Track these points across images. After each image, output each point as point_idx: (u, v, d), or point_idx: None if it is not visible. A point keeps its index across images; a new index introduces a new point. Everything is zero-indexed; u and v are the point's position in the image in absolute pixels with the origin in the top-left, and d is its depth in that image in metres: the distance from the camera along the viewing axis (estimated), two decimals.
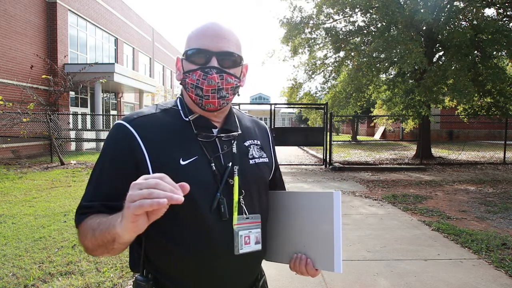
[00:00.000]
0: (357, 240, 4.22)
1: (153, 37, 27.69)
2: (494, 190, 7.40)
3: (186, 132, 0.94)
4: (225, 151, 0.97)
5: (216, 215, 0.91)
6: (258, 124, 1.15)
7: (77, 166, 10.41)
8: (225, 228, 0.91)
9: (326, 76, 14.10)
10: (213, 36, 0.91)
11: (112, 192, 0.88)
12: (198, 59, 0.91)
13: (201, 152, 0.93)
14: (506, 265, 3.42)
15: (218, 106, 0.93)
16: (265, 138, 1.13)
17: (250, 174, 0.99)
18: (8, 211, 5.28)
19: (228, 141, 0.99)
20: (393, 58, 11.01)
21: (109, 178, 0.90)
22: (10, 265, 3.32)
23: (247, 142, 1.04)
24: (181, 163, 0.89)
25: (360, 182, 8.50)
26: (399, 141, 24.71)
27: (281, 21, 12.50)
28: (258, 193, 1.01)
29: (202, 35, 0.92)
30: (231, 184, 0.94)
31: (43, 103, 11.58)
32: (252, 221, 0.96)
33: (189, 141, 0.93)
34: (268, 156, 1.09)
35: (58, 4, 15.16)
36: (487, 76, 10.68)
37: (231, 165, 0.95)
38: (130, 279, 3.10)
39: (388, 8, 10.52)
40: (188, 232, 0.90)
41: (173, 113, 0.97)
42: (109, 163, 0.91)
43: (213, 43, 0.91)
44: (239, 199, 0.94)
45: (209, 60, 0.91)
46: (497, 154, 13.81)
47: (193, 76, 0.91)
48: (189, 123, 0.95)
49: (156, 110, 0.97)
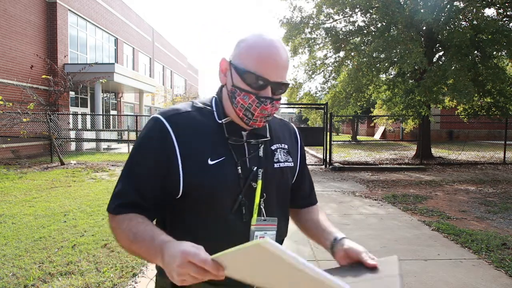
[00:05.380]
0: (357, 240, 4.19)
1: (153, 37, 27.69)
2: (494, 190, 7.40)
3: (217, 133, 0.98)
4: (252, 154, 1.00)
5: (236, 216, 0.95)
6: (287, 127, 1.18)
7: (77, 166, 10.41)
8: (244, 229, 0.96)
9: (326, 76, 14.10)
10: (273, 67, 0.92)
11: (144, 182, 0.94)
12: (253, 82, 0.93)
13: (229, 154, 0.97)
14: (506, 265, 3.42)
15: (262, 126, 0.99)
16: (293, 141, 1.15)
17: (273, 178, 1.02)
18: (8, 211, 5.28)
19: (256, 145, 1.02)
20: (393, 58, 11.01)
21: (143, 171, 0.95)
22: (10, 265, 3.32)
23: (274, 146, 1.06)
24: (209, 162, 0.94)
25: (360, 182, 8.50)
26: (399, 141, 24.71)
27: (281, 21, 12.50)
28: (278, 197, 1.04)
29: (262, 61, 0.92)
30: (254, 187, 0.97)
31: (43, 103, 11.58)
32: (268, 223, 0.99)
33: (219, 143, 0.97)
34: (294, 160, 1.11)
35: (58, 4, 15.16)
36: (487, 76, 10.69)
37: (256, 168, 0.99)
38: (130, 279, 3.10)
39: (388, 8, 10.52)
40: (209, 230, 0.94)
41: (207, 113, 1.01)
42: (143, 154, 0.95)
43: (272, 73, 0.92)
44: (259, 201, 0.98)
45: (265, 88, 0.93)
46: (497, 154, 13.81)
47: (245, 98, 0.94)
48: (221, 125, 0.99)
49: (191, 108, 1.01)
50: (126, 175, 0.96)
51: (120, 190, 0.94)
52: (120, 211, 0.92)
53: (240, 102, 0.94)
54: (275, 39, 0.95)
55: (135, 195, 0.93)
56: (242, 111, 0.95)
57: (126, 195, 0.93)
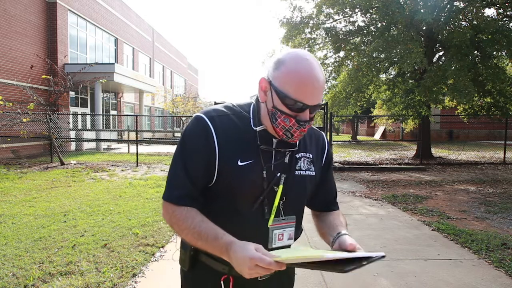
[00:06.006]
0: (357, 240, 4.17)
1: (153, 37, 27.69)
2: (494, 190, 7.40)
3: (251, 139, 1.08)
4: (278, 161, 1.10)
5: (256, 215, 1.07)
6: (315, 135, 1.25)
7: (77, 166, 10.41)
8: (263, 227, 1.07)
9: (326, 76, 14.10)
10: (312, 92, 0.99)
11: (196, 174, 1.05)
12: (293, 106, 1.00)
13: (258, 159, 1.07)
14: (506, 265, 3.42)
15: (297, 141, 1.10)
16: (319, 150, 1.23)
17: (294, 184, 1.12)
18: (8, 211, 5.28)
19: (283, 152, 1.12)
20: (393, 58, 11.00)
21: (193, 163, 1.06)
22: (10, 265, 3.32)
23: (299, 154, 1.15)
24: (239, 163, 1.05)
25: (360, 182, 8.50)
26: (399, 141, 24.72)
27: (281, 21, 12.49)
28: (295, 201, 1.14)
29: (303, 89, 0.98)
30: (275, 190, 1.08)
31: (43, 103, 11.57)
32: (287, 221, 1.11)
33: (250, 147, 1.07)
34: (316, 169, 1.19)
35: (58, 4, 15.16)
36: (487, 76, 10.68)
37: (279, 174, 1.09)
38: (130, 279, 3.10)
39: (388, 8, 10.52)
40: (230, 225, 1.03)
41: (244, 119, 1.11)
42: (192, 149, 1.07)
43: (312, 98, 1.00)
44: (279, 203, 1.09)
45: (303, 110, 1.01)
46: (497, 154, 13.80)
47: (286, 121, 1.02)
48: (255, 132, 1.09)
49: (230, 111, 1.11)
50: (180, 167, 1.06)
51: (177, 182, 1.06)
52: (181, 202, 1.04)
53: (281, 124, 1.03)
54: (314, 63, 1.00)
55: (190, 185, 1.05)
56: (282, 131, 1.05)
57: (183, 186, 1.05)
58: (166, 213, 1.07)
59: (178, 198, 1.05)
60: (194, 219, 1.02)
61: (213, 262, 1.12)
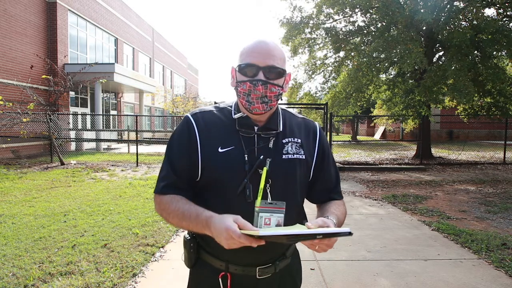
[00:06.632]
0: (357, 240, 4.22)
1: (153, 37, 27.69)
2: (494, 190, 7.40)
3: (231, 127, 1.15)
4: (261, 145, 1.14)
5: (241, 198, 1.09)
6: (306, 124, 1.28)
7: (77, 166, 10.41)
8: (248, 210, 1.08)
9: (326, 76, 14.10)
10: (261, 53, 1.10)
11: (179, 166, 1.14)
12: (248, 71, 1.11)
13: (239, 144, 1.12)
14: (506, 265, 3.42)
15: (263, 111, 1.12)
16: (310, 137, 1.25)
17: (280, 167, 1.13)
18: (8, 211, 5.28)
19: (267, 137, 1.15)
20: (393, 58, 11.00)
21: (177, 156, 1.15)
22: (10, 265, 3.32)
23: (286, 139, 1.18)
24: (219, 150, 1.11)
25: (360, 182, 8.50)
26: (399, 141, 24.72)
27: (281, 21, 12.49)
28: (286, 185, 1.14)
29: (252, 51, 1.11)
30: (260, 173, 1.10)
31: (43, 103, 11.58)
32: (276, 206, 1.10)
33: (230, 134, 1.14)
34: (307, 154, 1.20)
35: (58, 4, 15.16)
36: (487, 76, 10.67)
37: (263, 157, 1.12)
38: (130, 279, 3.10)
39: (388, 8, 10.51)
40: (220, 209, 1.05)
41: (226, 111, 1.20)
42: (176, 146, 1.17)
43: (261, 59, 1.09)
44: (265, 186, 1.10)
45: (257, 74, 1.09)
46: (497, 154, 13.80)
47: (243, 86, 1.11)
48: (235, 120, 1.16)
49: (214, 108, 1.21)
50: (166, 162, 1.17)
51: (163, 174, 1.15)
52: (165, 192, 1.13)
53: (242, 92, 1.12)
54: (267, 39, 1.12)
55: (174, 176, 1.13)
56: (244, 99, 1.12)
57: (168, 177, 1.14)
58: (156, 204, 1.16)
59: (163, 187, 1.13)
60: (178, 202, 1.09)
61: (211, 259, 1.16)
